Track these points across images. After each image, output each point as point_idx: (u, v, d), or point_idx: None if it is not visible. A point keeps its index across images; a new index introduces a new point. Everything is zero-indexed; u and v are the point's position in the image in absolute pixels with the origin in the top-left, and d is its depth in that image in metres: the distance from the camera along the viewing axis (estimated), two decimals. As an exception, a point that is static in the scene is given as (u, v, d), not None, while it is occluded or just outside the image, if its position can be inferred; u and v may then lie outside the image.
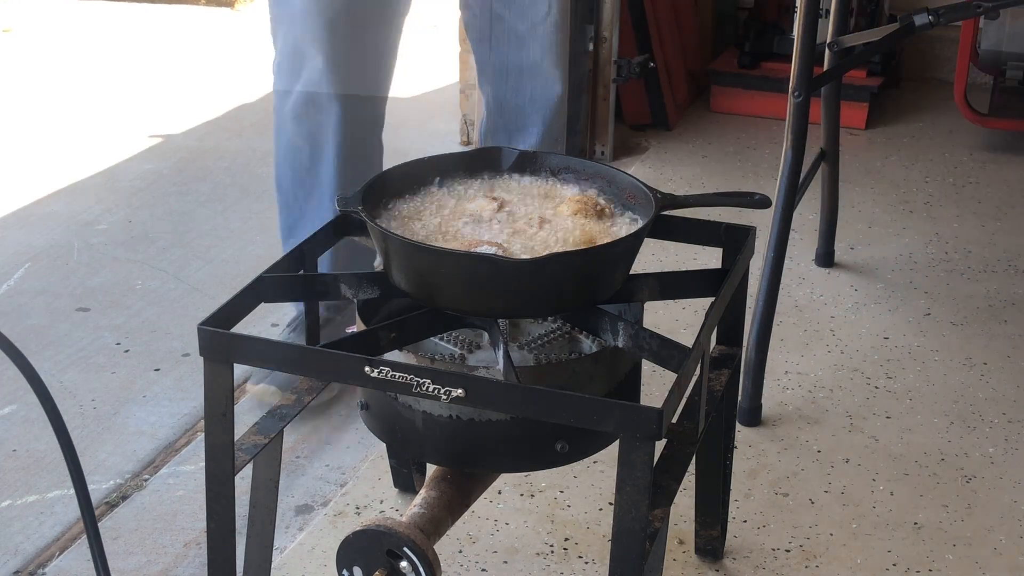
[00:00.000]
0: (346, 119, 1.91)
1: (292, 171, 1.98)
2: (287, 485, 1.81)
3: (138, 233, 2.75)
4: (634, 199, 1.39)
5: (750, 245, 1.43)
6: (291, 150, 1.97)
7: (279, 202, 2.03)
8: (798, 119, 1.98)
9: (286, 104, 1.94)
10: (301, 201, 1.97)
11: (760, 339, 1.93)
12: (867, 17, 3.50)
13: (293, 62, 1.90)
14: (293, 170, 1.98)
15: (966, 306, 2.38)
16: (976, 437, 1.94)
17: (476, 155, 1.47)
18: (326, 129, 1.92)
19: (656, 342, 1.24)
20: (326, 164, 1.94)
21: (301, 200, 1.97)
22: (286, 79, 1.92)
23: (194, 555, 1.68)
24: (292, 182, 1.98)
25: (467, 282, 1.24)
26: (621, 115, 3.33)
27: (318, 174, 1.95)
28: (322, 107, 1.90)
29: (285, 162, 1.99)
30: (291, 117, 1.94)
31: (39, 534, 1.73)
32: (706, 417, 1.35)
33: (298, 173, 1.97)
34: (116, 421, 2.01)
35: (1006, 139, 3.33)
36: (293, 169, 1.97)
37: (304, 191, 1.97)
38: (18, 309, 2.39)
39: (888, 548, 1.67)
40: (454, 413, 1.28)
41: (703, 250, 2.16)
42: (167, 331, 2.31)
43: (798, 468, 1.85)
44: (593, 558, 1.64)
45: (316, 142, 1.93)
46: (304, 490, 1.83)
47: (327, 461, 1.91)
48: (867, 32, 2.34)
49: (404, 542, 1.21)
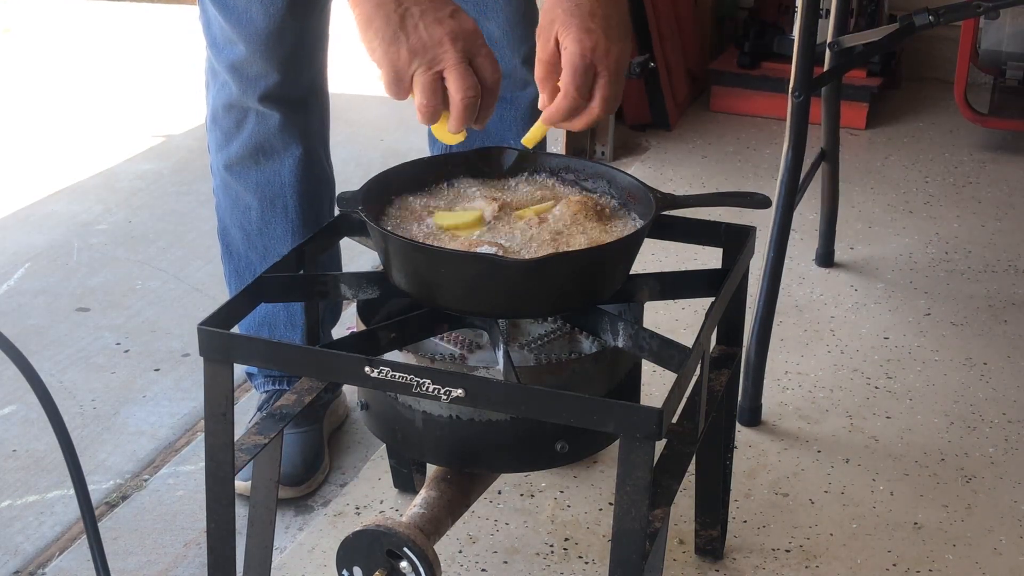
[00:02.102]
0: (306, 157, 1.75)
1: (243, 232, 1.79)
2: (287, 485, 1.81)
3: (138, 233, 2.75)
4: (634, 199, 1.39)
5: (750, 245, 1.43)
6: (238, 209, 1.77)
7: (229, 269, 1.84)
8: (798, 119, 1.98)
9: (227, 156, 1.74)
10: (255, 264, 1.79)
11: (760, 339, 1.93)
12: (867, 17, 3.50)
13: (235, 113, 1.71)
14: (244, 231, 1.78)
15: (966, 306, 2.38)
16: (976, 437, 1.94)
17: (476, 155, 1.47)
18: (282, 176, 1.74)
19: (656, 342, 1.24)
20: (283, 215, 1.76)
21: (256, 263, 1.79)
22: (224, 132, 1.73)
23: (194, 555, 1.68)
24: (244, 244, 1.80)
25: (467, 282, 1.24)
26: (621, 115, 3.33)
27: (274, 231, 1.77)
28: (275, 153, 1.73)
29: (233, 223, 1.79)
30: (236, 171, 1.74)
31: (39, 534, 1.73)
32: (706, 417, 1.35)
33: (250, 235, 1.78)
34: (116, 421, 2.01)
35: (1006, 139, 3.32)
36: (244, 230, 1.78)
37: (258, 253, 1.79)
38: (18, 309, 2.39)
39: (888, 548, 1.67)
40: (454, 413, 1.28)
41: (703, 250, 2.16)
42: (167, 331, 2.31)
43: (798, 468, 1.85)
44: (593, 558, 1.64)
45: (267, 194, 1.75)
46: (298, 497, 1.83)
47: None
48: (867, 32, 2.34)
49: (404, 542, 1.21)
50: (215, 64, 1.70)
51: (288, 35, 1.64)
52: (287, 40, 1.65)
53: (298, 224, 1.77)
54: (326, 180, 1.81)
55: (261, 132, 1.71)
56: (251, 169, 1.74)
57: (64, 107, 3.67)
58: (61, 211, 2.87)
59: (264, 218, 1.76)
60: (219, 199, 1.80)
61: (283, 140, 1.72)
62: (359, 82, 3.92)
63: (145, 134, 3.38)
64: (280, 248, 1.75)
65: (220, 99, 1.71)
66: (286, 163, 1.73)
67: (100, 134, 3.41)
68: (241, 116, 1.71)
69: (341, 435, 1.95)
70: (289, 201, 1.75)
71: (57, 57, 4.20)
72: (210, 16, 1.67)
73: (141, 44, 4.38)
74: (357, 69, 4.04)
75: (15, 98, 3.76)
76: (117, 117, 3.57)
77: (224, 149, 1.74)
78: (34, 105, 3.69)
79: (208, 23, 1.69)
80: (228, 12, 1.63)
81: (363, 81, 3.92)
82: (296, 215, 1.76)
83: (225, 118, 1.72)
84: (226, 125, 1.72)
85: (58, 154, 3.27)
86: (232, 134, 1.72)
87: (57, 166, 3.16)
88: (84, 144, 3.33)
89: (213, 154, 1.77)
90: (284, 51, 1.65)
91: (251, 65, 1.65)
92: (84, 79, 3.95)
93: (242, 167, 1.74)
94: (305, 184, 1.75)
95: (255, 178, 1.74)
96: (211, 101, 1.74)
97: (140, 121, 3.50)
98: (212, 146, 1.77)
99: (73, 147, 3.32)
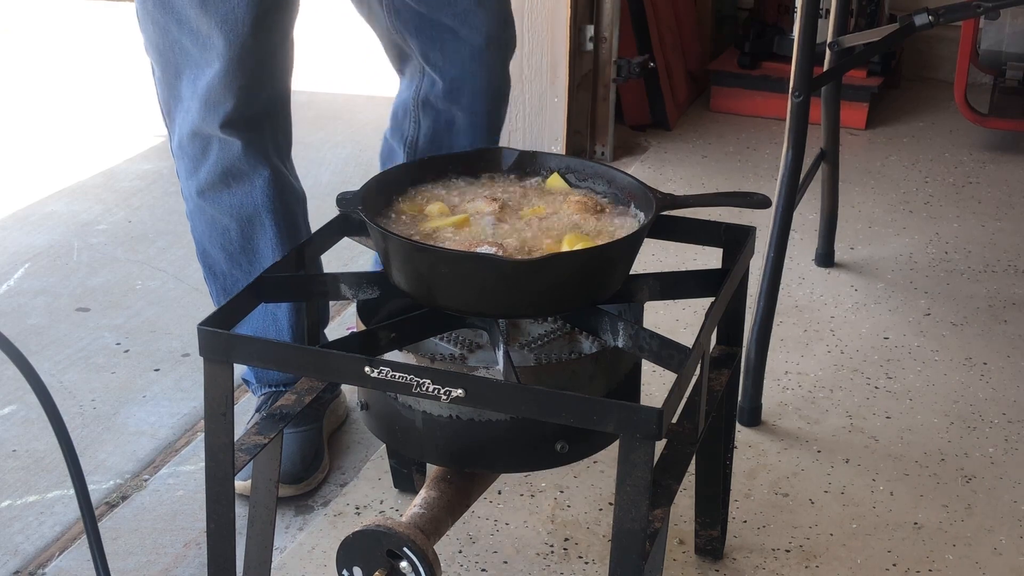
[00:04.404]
0: (275, 177, 1.74)
1: (224, 252, 1.78)
2: (287, 485, 1.81)
3: (138, 233, 2.75)
4: (634, 199, 1.39)
5: (750, 245, 1.43)
6: (215, 230, 1.77)
7: (215, 289, 1.84)
8: (798, 119, 1.98)
9: (198, 183, 1.73)
10: (240, 280, 1.78)
11: (760, 339, 1.93)
12: (867, 17, 3.50)
13: (199, 140, 1.69)
14: (226, 251, 1.78)
15: (966, 306, 2.38)
16: (976, 437, 1.94)
17: (476, 155, 1.47)
18: (255, 197, 1.74)
19: (656, 342, 1.24)
20: (261, 233, 1.76)
21: (241, 280, 1.79)
22: (192, 159, 1.72)
23: (194, 555, 1.67)
24: (228, 263, 1.79)
25: (467, 282, 1.24)
26: (621, 115, 3.33)
27: (256, 247, 1.77)
28: (244, 176, 1.72)
29: (213, 245, 1.79)
30: (209, 197, 1.74)
31: (39, 534, 1.73)
32: (706, 417, 1.35)
33: (232, 254, 1.78)
34: (116, 421, 2.01)
35: (1006, 139, 3.33)
36: (226, 250, 1.78)
37: (242, 270, 1.79)
38: (18, 309, 2.39)
39: (888, 548, 1.67)
40: (454, 413, 1.28)
41: (703, 250, 2.16)
42: (167, 331, 2.31)
43: (798, 468, 1.85)
44: (593, 558, 1.64)
45: (243, 215, 1.74)
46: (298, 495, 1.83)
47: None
48: (867, 32, 2.34)
49: (404, 542, 1.21)
50: (180, 90, 1.69)
51: (250, 59, 1.63)
52: (247, 65, 1.63)
53: (277, 240, 1.76)
54: (296, 195, 1.81)
55: (227, 158, 1.70)
56: (223, 193, 1.73)
57: (64, 107, 3.67)
58: (61, 211, 2.87)
59: (244, 235, 1.76)
60: (194, 223, 1.80)
61: (249, 163, 1.71)
62: (359, 82, 3.93)
63: (145, 134, 3.38)
64: (265, 261, 1.75)
65: (185, 127, 1.70)
66: (256, 184, 1.72)
67: (100, 134, 3.41)
68: (205, 143, 1.70)
69: (341, 435, 1.95)
70: (265, 220, 1.75)
71: (56, 57, 4.20)
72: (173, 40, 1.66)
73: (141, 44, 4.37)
74: (357, 69, 4.05)
75: (14, 98, 3.76)
76: (117, 117, 3.57)
77: (194, 176, 1.73)
78: (34, 105, 3.69)
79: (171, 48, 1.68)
80: (193, 37, 1.62)
81: (362, 81, 3.93)
82: (274, 232, 1.76)
83: (191, 145, 1.71)
84: (192, 152, 1.71)
85: (58, 154, 3.27)
86: (199, 160, 1.71)
87: (57, 166, 3.16)
88: (84, 144, 3.33)
89: (184, 181, 1.76)
90: (245, 76, 1.64)
91: (212, 91, 1.64)
92: (84, 79, 3.95)
93: (214, 192, 1.73)
94: (278, 203, 1.74)
95: (228, 201, 1.74)
96: (176, 129, 1.73)
97: (140, 121, 3.50)
98: (181, 173, 1.76)
99: (73, 147, 3.32)
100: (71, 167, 3.14)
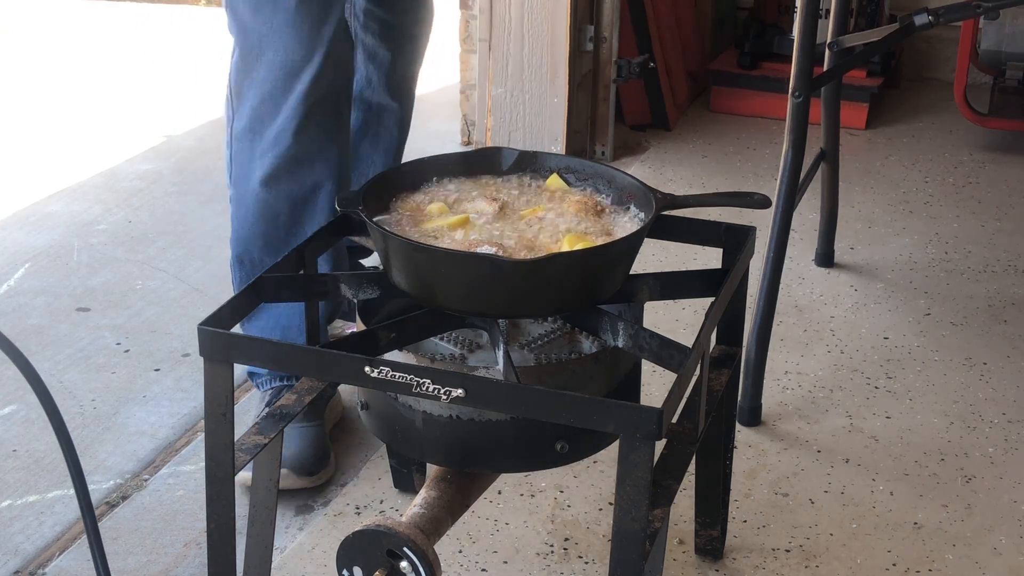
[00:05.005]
0: (340, 162, 1.76)
1: (264, 240, 1.78)
2: (287, 485, 1.81)
3: (138, 233, 2.75)
4: (634, 199, 1.39)
5: (750, 245, 1.43)
6: (263, 217, 1.77)
7: (240, 278, 1.83)
8: (798, 119, 1.98)
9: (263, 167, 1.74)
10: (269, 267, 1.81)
11: (760, 339, 1.93)
12: (867, 17, 3.50)
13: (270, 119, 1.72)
14: (265, 239, 1.78)
15: (966, 306, 2.38)
16: (976, 437, 1.94)
17: (476, 155, 1.47)
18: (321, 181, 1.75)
19: (656, 342, 1.24)
20: (310, 221, 1.77)
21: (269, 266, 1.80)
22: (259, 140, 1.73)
23: (194, 555, 1.68)
24: (262, 251, 1.79)
25: (467, 282, 1.24)
26: (621, 115, 3.33)
27: (296, 236, 1.77)
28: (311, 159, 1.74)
29: (255, 233, 1.78)
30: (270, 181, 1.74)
31: (39, 534, 1.73)
32: (706, 417, 1.35)
33: (271, 242, 1.78)
34: (116, 421, 2.01)
35: (1006, 139, 3.33)
36: (265, 239, 1.78)
37: (272, 257, 1.77)
38: (18, 309, 2.39)
39: (888, 548, 1.67)
40: (454, 413, 1.28)
41: (703, 250, 2.16)
42: (167, 331, 2.31)
43: (798, 468, 1.85)
44: (593, 558, 1.64)
45: (298, 200, 1.76)
46: (304, 490, 1.83)
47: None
48: (867, 32, 2.34)
49: (404, 542, 1.21)
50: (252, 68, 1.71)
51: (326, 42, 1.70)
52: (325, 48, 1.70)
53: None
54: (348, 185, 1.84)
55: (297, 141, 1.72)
56: (284, 176, 1.75)
57: (64, 107, 3.67)
58: (61, 211, 2.87)
59: (294, 219, 1.77)
60: (242, 209, 1.79)
61: (317, 146, 1.74)
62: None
63: (145, 134, 3.38)
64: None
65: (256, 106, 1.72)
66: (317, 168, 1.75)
67: (100, 134, 3.41)
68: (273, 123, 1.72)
69: (341, 435, 1.95)
70: (322, 203, 1.77)
71: (56, 57, 4.20)
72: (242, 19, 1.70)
73: (141, 44, 4.38)
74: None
75: (14, 98, 3.76)
76: (117, 117, 3.57)
77: (257, 159, 1.74)
78: (34, 105, 3.69)
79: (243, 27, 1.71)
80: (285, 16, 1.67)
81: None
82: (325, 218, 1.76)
83: (261, 125, 1.72)
84: (260, 132, 1.73)
85: (58, 154, 3.27)
86: (265, 143, 1.73)
87: (57, 166, 3.16)
88: (84, 144, 3.33)
89: (243, 165, 1.76)
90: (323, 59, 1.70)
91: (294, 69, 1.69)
92: (84, 79, 3.95)
93: (277, 175, 1.74)
94: (337, 184, 1.78)
95: (287, 186, 1.75)
96: (245, 111, 1.74)
97: (140, 121, 3.50)
98: (241, 158, 1.76)
99: (73, 147, 3.32)
100: (71, 167, 3.14)
